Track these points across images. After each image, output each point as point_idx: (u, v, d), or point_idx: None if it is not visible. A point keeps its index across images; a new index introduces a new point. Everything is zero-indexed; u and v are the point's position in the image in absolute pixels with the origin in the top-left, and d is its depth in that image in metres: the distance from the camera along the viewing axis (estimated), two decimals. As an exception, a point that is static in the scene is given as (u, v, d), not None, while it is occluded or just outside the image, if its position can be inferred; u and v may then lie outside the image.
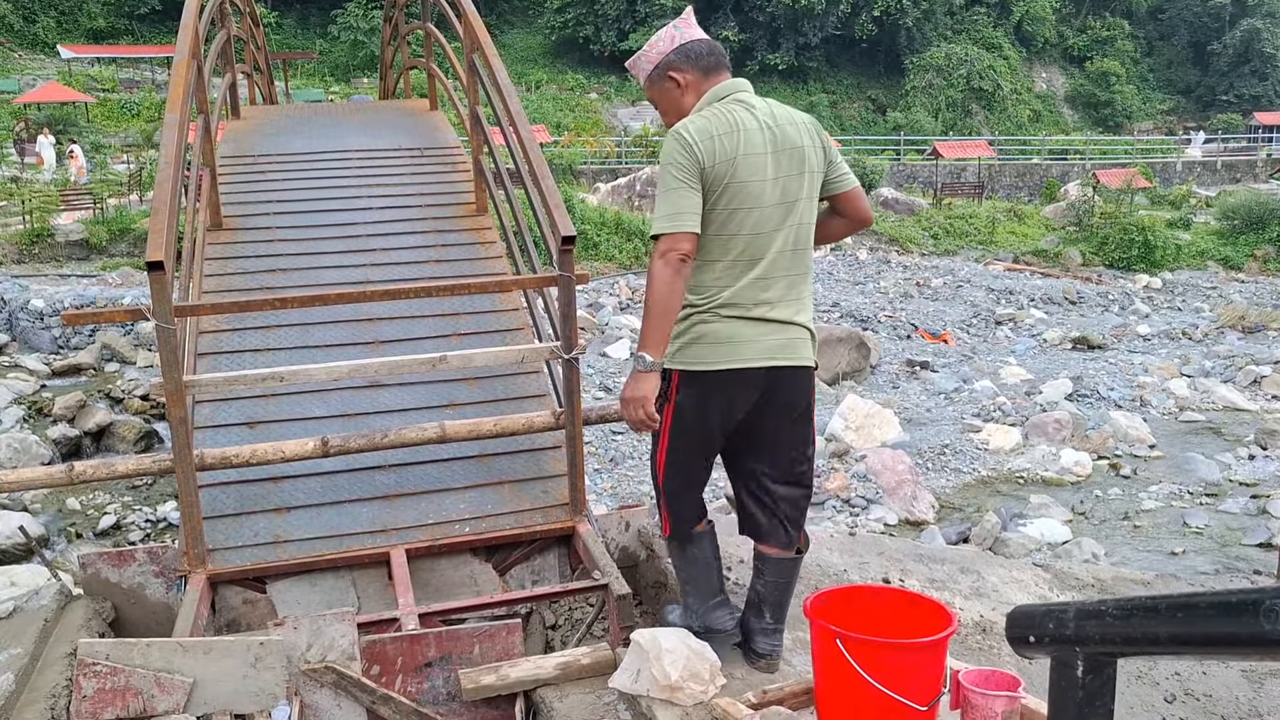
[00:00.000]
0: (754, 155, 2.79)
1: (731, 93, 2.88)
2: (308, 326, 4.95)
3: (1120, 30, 51.82)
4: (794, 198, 2.84)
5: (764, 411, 2.94)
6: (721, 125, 2.80)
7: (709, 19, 42.62)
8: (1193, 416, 13.17)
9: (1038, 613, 1.68)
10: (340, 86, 37.29)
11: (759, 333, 2.84)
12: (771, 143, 2.82)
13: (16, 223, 18.68)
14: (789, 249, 2.86)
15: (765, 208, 2.81)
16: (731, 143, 2.78)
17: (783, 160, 2.83)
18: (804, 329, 2.93)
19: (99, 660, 2.77)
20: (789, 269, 2.87)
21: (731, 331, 2.83)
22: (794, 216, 2.86)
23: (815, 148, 2.90)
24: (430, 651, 3.29)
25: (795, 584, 3.15)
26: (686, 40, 2.93)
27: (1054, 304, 20.60)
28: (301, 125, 7.68)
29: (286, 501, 4.15)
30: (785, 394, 2.93)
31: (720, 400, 2.89)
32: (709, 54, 2.92)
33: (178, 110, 4.39)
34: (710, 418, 2.92)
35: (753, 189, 2.79)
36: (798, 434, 3.02)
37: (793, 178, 2.84)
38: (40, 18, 38.71)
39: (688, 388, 2.89)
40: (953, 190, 30.81)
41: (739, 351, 2.84)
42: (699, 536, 3.14)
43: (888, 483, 10.10)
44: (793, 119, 2.89)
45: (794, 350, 2.91)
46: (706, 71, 2.91)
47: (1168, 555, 9.00)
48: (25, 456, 9.90)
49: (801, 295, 2.92)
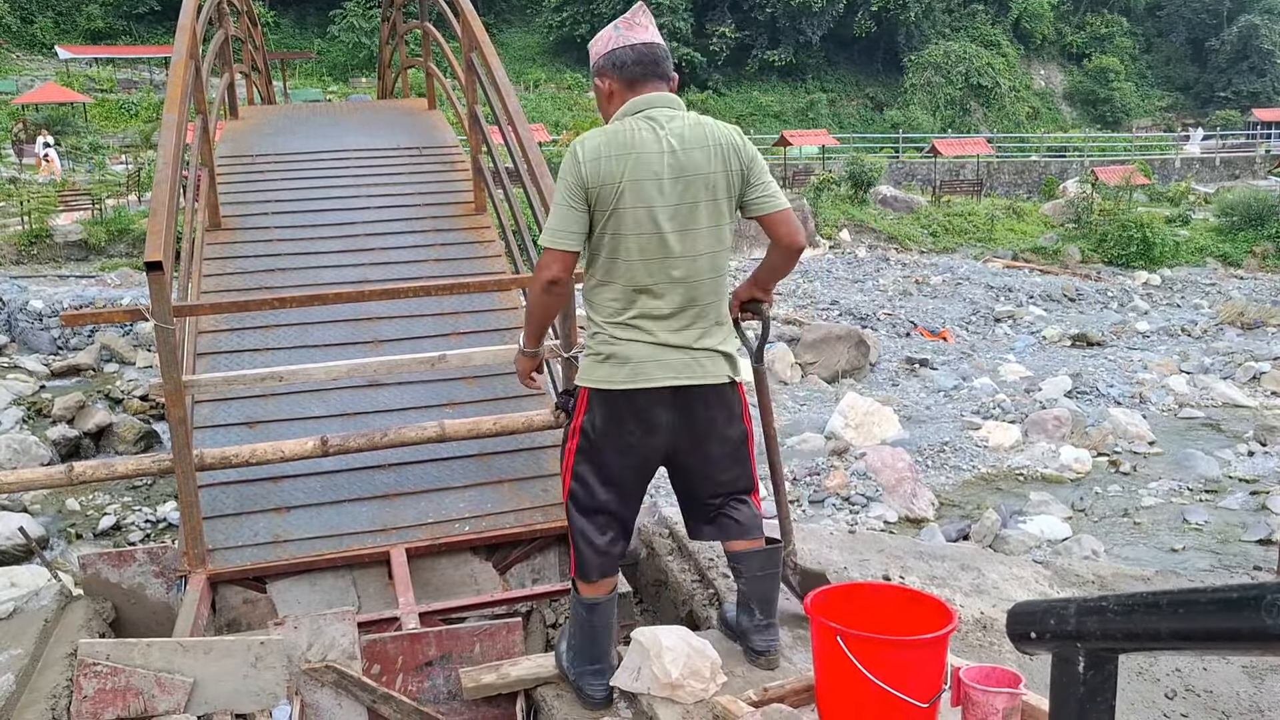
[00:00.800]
0: (644, 181, 2.68)
1: (645, 108, 2.76)
2: (306, 326, 4.95)
3: (1119, 27, 51.84)
4: (688, 226, 2.72)
5: (685, 435, 2.83)
6: (617, 145, 2.70)
7: (706, 16, 42.65)
8: (1192, 413, 13.17)
9: (1039, 609, 1.67)
10: (338, 86, 37.28)
11: (661, 355, 2.75)
12: (670, 167, 2.70)
13: (15, 224, 18.68)
14: (691, 279, 2.74)
15: (656, 235, 2.70)
16: (619, 166, 2.68)
17: (679, 187, 2.70)
18: (712, 352, 2.81)
19: (99, 660, 2.77)
20: (692, 299, 2.76)
21: (631, 352, 2.75)
22: (691, 245, 2.73)
23: (726, 172, 2.75)
24: (431, 650, 3.28)
25: (778, 575, 3.08)
26: (619, 46, 2.81)
27: (1053, 301, 20.61)
28: (300, 125, 7.68)
29: (286, 501, 4.15)
30: (701, 413, 2.82)
31: (632, 425, 2.79)
32: (635, 64, 2.79)
33: (176, 110, 4.39)
34: (617, 440, 2.81)
35: (639, 215, 2.69)
36: (727, 452, 2.90)
37: (689, 206, 2.72)
38: (38, 18, 38.68)
39: (597, 407, 2.81)
40: (951, 188, 30.80)
41: (644, 371, 2.75)
42: (594, 605, 2.97)
43: (887, 480, 10.10)
44: (706, 140, 2.74)
45: (701, 368, 2.79)
46: (631, 82, 2.80)
47: (1168, 552, 9.00)
48: (25, 457, 9.91)
49: (707, 324, 2.80)
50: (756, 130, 39.38)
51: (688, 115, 2.79)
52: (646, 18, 2.86)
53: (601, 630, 3.00)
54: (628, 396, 2.77)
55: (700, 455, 2.89)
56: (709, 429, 2.86)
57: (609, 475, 2.85)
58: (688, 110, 2.82)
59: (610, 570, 2.97)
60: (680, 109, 2.80)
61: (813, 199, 25.42)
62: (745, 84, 43.86)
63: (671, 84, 2.86)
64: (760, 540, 3.00)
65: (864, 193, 26.78)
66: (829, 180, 26.95)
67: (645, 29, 2.84)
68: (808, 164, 32.56)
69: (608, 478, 2.85)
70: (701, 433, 2.85)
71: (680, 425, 2.82)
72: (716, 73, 43.63)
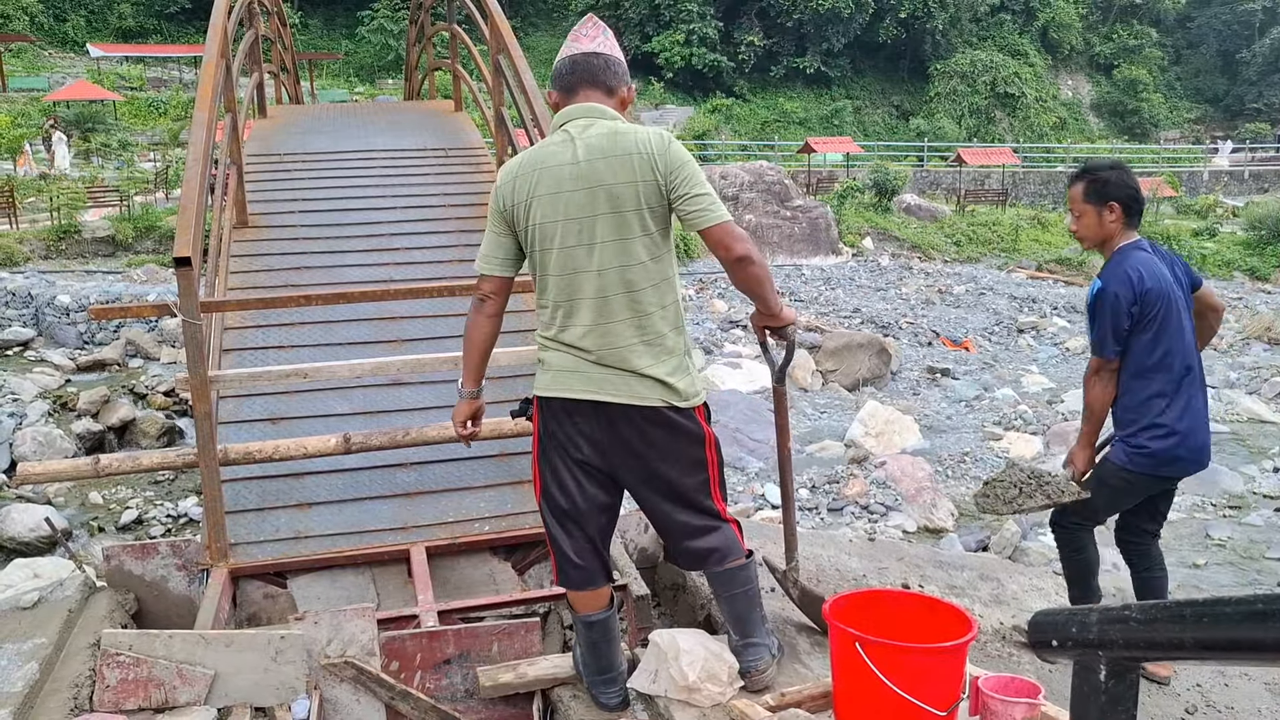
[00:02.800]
0: (550, 195, 2.67)
1: (565, 120, 2.74)
2: (331, 324, 4.98)
3: (1148, 38, 51.50)
4: (595, 240, 2.65)
5: (619, 455, 2.78)
6: (530, 162, 2.73)
7: (733, 23, 42.67)
8: (1217, 427, 13.01)
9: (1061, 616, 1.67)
10: (365, 87, 37.51)
11: (582, 368, 2.72)
12: (574, 179, 2.65)
13: (44, 219, 18.88)
14: (606, 294, 2.67)
15: (566, 250, 2.68)
16: (528, 185, 2.70)
17: (581, 199, 2.65)
18: (642, 376, 2.70)
19: (122, 651, 2.80)
20: (613, 314, 2.68)
21: (553, 360, 2.77)
22: (599, 259, 2.66)
23: (635, 183, 2.64)
24: (449, 648, 3.30)
25: (753, 595, 2.95)
26: (561, 58, 2.80)
27: (1077, 313, 20.45)
28: (327, 125, 7.73)
29: (308, 497, 4.18)
30: (630, 435, 2.74)
31: (567, 431, 2.79)
32: (569, 73, 2.77)
33: (206, 109, 4.44)
34: (558, 446, 2.81)
35: (548, 230, 2.69)
36: (673, 479, 2.79)
37: (596, 218, 2.65)
38: (71, 16, 39.12)
39: (541, 413, 2.85)
40: (976, 197, 30.68)
41: (562, 380, 2.75)
42: (588, 621, 2.96)
43: (907, 489, 10.06)
44: (614, 150, 2.65)
45: (627, 388, 2.70)
46: (566, 92, 2.78)
47: (1190, 567, 8.91)
48: (50, 450, 10.00)
49: (634, 342, 2.69)
50: (781, 136, 39.36)
51: (604, 124, 2.70)
52: (595, 29, 2.82)
53: (602, 644, 2.99)
54: (557, 404, 2.78)
55: (644, 479, 2.81)
56: (645, 453, 2.76)
57: (561, 480, 2.84)
58: (640, 122, 2.82)
59: (587, 583, 2.92)
60: (603, 118, 2.72)
61: (836, 206, 25.38)
62: (771, 90, 43.81)
63: (621, 96, 2.81)
64: (724, 564, 2.88)
65: (888, 200, 26.72)
66: (853, 187, 26.89)
67: (591, 39, 2.80)
68: (831, 171, 32.51)
69: (560, 483, 2.85)
70: (637, 455, 2.77)
71: (611, 444, 2.77)
72: (742, 79, 43.65)
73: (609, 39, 2.83)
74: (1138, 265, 3.27)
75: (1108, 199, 3.34)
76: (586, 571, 2.91)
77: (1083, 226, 3.41)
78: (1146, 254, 3.33)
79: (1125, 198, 3.34)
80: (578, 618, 3.00)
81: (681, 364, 2.77)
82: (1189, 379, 3.35)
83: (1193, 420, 3.34)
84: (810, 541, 4.44)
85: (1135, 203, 3.37)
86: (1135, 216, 3.38)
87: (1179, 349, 3.31)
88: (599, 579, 2.94)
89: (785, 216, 24.02)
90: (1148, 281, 3.24)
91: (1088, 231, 3.41)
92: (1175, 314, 3.30)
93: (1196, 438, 3.35)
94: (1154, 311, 3.25)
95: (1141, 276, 3.25)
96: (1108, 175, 3.37)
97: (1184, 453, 3.33)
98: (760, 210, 23.94)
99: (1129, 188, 3.36)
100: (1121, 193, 3.34)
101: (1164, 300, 3.27)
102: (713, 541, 2.86)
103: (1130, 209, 3.36)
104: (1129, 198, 3.35)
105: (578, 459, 2.81)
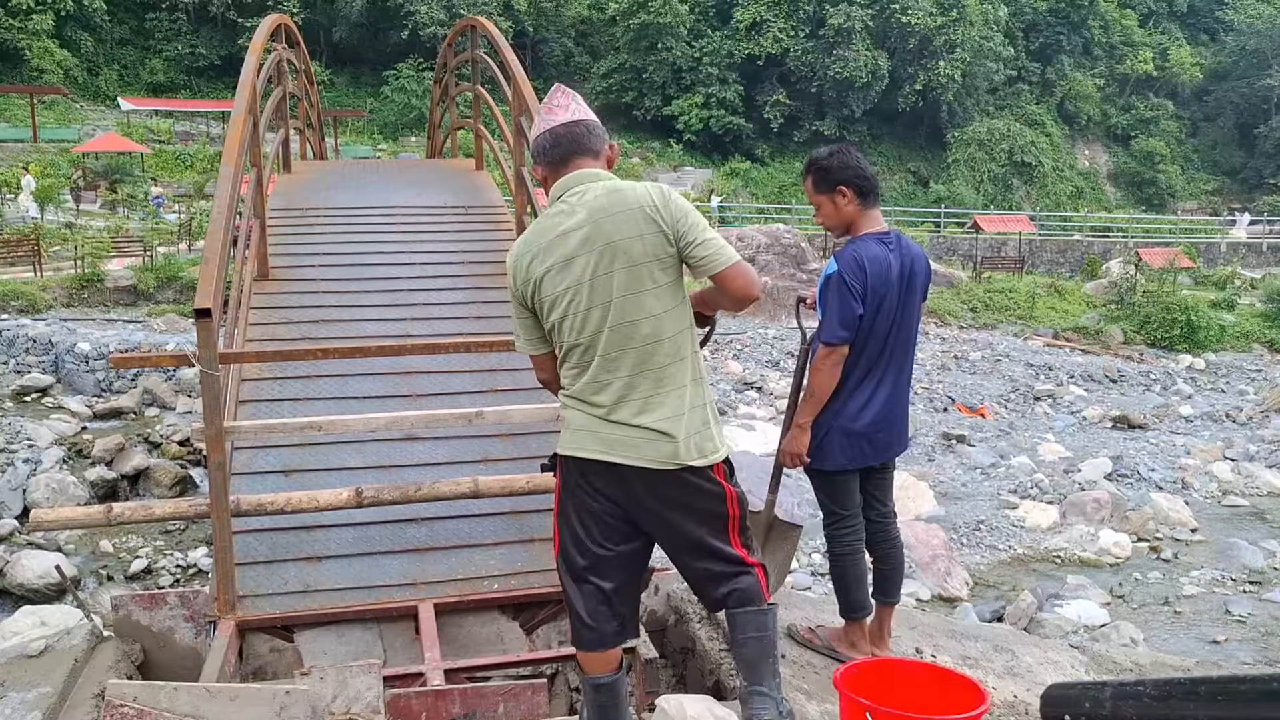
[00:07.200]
0: (561, 264, 2.70)
1: (563, 191, 2.77)
2: (347, 377, 5.01)
3: (1164, 110, 51.90)
4: (610, 297, 2.68)
5: (637, 511, 2.78)
6: (534, 240, 2.76)
7: (756, 87, 43.27)
8: (1236, 501, 12.89)
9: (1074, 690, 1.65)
10: (388, 144, 38.08)
11: (596, 426, 2.74)
12: (584, 241, 2.68)
13: (68, 266, 19.13)
14: (621, 349, 2.69)
15: (581, 313, 2.70)
16: (538, 262, 2.73)
17: (592, 260, 2.68)
18: (649, 431, 2.70)
19: (127, 702, 2.78)
20: (628, 368, 2.70)
21: (577, 420, 2.78)
22: (613, 316, 2.68)
23: (641, 236, 2.67)
24: (455, 708, 3.26)
25: (769, 642, 2.86)
26: (539, 133, 2.83)
27: (1094, 381, 20.36)
28: (350, 180, 7.84)
29: (318, 550, 4.17)
30: (644, 495, 2.74)
31: (585, 490, 2.79)
32: (554, 148, 2.80)
33: (233, 163, 4.51)
34: (578, 504, 2.80)
35: (561, 298, 2.72)
36: (692, 538, 2.78)
37: (606, 276, 2.67)
38: (104, 70, 40.01)
39: (561, 470, 2.86)
40: (993, 264, 30.73)
41: (578, 440, 2.77)
42: (596, 684, 2.92)
43: (921, 557, 9.95)
44: (620, 205, 2.69)
45: (635, 450, 2.70)
46: (554, 165, 2.81)
47: (1209, 643, 8.76)
48: (62, 497, 10.02)
49: (648, 395, 2.71)
50: (798, 200, 39.64)
51: (601, 185, 2.75)
52: (566, 98, 2.86)
53: (609, 708, 2.94)
54: (574, 463, 2.79)
55: (662, 532, 2.82)
56: (660, 510, 2.77)
57: (578, 537, 2.83)
58: (628, 179, 2.82)
59: (600, 645, 2.88)
60: (597, 180, 2.76)
61: (853, 270, 25.39)
62: (789, 155, 44.26)
63: (606, 156, 2.85)
64: (743, 606, 2.84)
65: (905, 266, 26.74)
66: (870, 252, 26.93)
67: (565, 109, 2.83)
68: (848, 235, 32.61)
69: (577, 540, 2.83)
70: (653, 512, 2.77)
71: (628, 501, 2.77)
72: (763, 142, 44.13)
73: (580, 104, 2.87)
74: (866, 256, 3.34)
75: (835, 184, 3.39)
76: (598, 633, 2.87)
77: (824, 216, 3.48)
78: (882, 249, 3.37)
79: (851, 178, 3.38)
80: (586, 680, 2.96)
81: (702, 417, 2.77)
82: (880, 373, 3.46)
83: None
84: (820, 608, 4.40)
85: (864, 180, 3.40)
86: (870, 195, 3.43)
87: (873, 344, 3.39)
88: (610, 641, 2.89)
89: (801, 280, 24.10)
90: (869, 273, 3.31)
91: (829, 220, 3.48)
92: (885, 312, 3.36)
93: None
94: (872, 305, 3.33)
95: (863, 266, 3.32)
96: (828, 162, 3.42)
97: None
98: (777, 273, 24.05)
99: (851, 168, 3.40)
100: (846, 174, 3.38)
101: (877, 298, 3.33)
102: (733, 585, 2.84)
103: (861, 189, 3.40)
104: (856, 178, 3.39)
105: (595, 510, 2.79)
